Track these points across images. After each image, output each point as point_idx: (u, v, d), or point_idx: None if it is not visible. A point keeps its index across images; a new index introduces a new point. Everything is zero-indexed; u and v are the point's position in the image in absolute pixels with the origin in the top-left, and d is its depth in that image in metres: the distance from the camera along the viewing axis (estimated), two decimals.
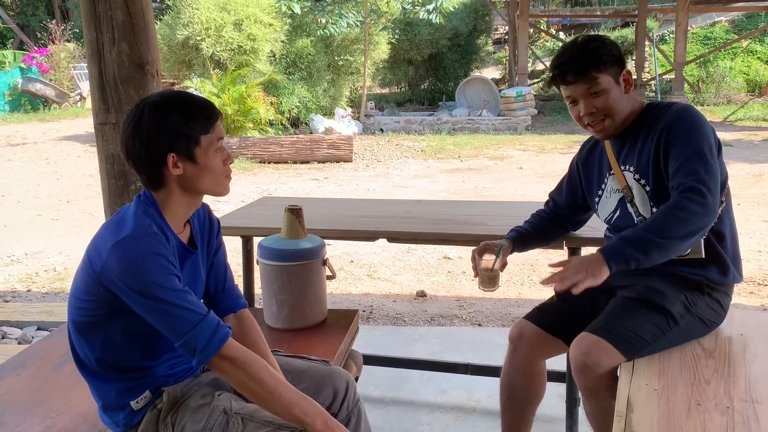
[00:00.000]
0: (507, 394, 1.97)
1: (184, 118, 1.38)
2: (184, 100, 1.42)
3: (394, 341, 3.28)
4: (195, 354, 1.34)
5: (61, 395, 1.73)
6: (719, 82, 15.18)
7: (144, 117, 1.37)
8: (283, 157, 9.87)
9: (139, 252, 1.31)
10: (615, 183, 1.89)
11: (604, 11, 20.25)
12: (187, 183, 1.42)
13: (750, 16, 18.29)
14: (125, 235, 1.33)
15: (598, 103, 1.76)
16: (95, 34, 2.50)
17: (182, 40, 11.20)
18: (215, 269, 1.62)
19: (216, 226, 1.63)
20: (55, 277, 4.71)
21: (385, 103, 15.10)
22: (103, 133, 2.57)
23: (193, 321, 1.33)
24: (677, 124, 1.72)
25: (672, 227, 1.60)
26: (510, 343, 1.96)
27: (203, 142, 1.40)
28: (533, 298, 3.98)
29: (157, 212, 1.41)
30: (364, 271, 4.63)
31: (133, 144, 1.38)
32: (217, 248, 1.62)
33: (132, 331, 1.41)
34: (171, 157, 1.37)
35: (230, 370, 1.36)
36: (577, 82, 1.76)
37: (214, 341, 1.34)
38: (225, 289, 1.64)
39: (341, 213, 2.69)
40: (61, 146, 10.34)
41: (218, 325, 1.37)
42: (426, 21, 12.96)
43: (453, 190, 7.51)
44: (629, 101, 1.80)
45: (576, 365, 1.70)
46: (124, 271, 1.30)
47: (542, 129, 12.49)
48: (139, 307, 1.33)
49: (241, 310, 1.65)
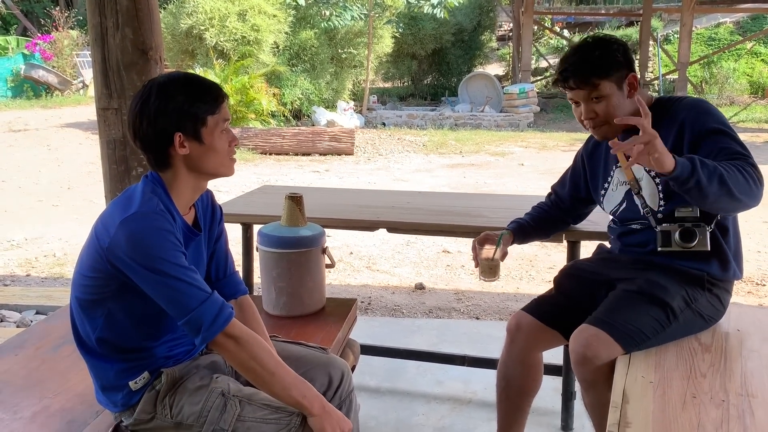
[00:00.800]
0: (503, 385, 1.98)
1: (191, 99, 1.39)
2: (191, 80, 1.43)
3: (392, 332, 3.29)
4: (199, 332, 1.34)
5: (59, 376, 1.74)
6: (722, 83, 15.18)
7: (152, 97, 1.38)
8: (285, 149, 9.87)
9: (147, 228, 1.32)
10: (622, 176, 1.89)
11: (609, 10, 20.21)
12: (193, 163, 1.42)
13: (755, 17, 18.25)
14: (133, 211, 1.34)
15: (598, 108, 1.77)
16: (99, 18, 2.49)
17: (186, 29, 11.19)
18: (217, 256, 1.63)
19: (219, 212, 1.64)
20: (55, 262, 4.72)
21: (387, 97, 15.10)
22: (105, 118, 2.57)
23: (200, 298, 1.34)
24: (701, 122, 1.71)
25: (737, 181, 1.56)
26: (507, 334, 1.96)
27: (209, 123, 1.41)
28: (531, 292, 3.99)
29: (164, 192, 1.42)
30: (363, 263, 4.63)
31: (141, 124, 1.39)
32: (219, 235, 1.63)
33: (135, 310, 1.41)
34: (178, 137, 1.38)
35: (233, 349, 1.38)
36: (578, 88, 1.77)
37: (220, 319, 1.35)
38: (226, 275, 1.65)
39: (341, 203, 2.70)
40: (63, 133, 10.34)
41: (223, 304, 1.38)
42: (430, 16, 12.94)
43: (454, 185, 7.51)
44: (632, 104, 1.79)
45: (576, 357, 1.70)
46: (131, 246, 1.31)
47: (544, 126, 12.48)
48: (145, 283, 1.33)
49: (241, 297, 1.66)
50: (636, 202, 1.85)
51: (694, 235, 1.75)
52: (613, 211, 1.94)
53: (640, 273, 1.82)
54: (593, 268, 1.98)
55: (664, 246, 1.79)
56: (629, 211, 1.88)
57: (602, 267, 1.96)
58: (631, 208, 1.87)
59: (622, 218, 1.91)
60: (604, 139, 1.86)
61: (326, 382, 1.65)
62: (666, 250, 1.79)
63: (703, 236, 1.75)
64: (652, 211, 1.81)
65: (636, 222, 1.87)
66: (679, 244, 1.77)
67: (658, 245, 1.79)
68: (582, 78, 1.75)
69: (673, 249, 1.78)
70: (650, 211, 1.81)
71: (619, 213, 1.91)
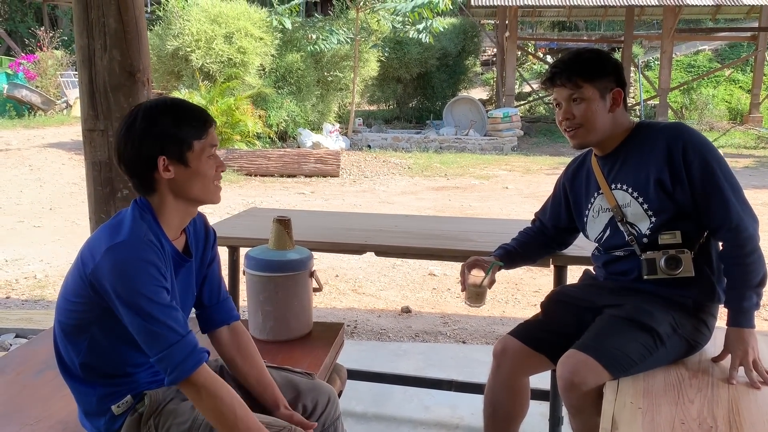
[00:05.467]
0: (490, 411, 1.97)
1: (177, 122, 1.39)
2: (178, 105, 1.43)
3: (378, 356, 3.27)
4: (167, 373, 1.34)
5: (41, 402, 1.70)
6: (702, 110, 15.47)
7: (137, 121, 1.38)
8: (270, 170, 9.86)
9: (132, 259, 1.31)
10: (604, 202, 1.90)
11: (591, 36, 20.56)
12: (178, 188, 1.41)
13: (733, 45, 18.69)
14: (121, 240, 1.33)
15: (576, 110, 1.81)
16: (87, 40, 2.49)
17: (172, 50, 11.21)
18: (209, 280, 1.61)
19: (212, 236, 1.62)
20: (36, 284, 4.65)
21: (373, 120, 15.19)
22: (91, 139, 2.55)
23: (171, 340, 1.32)
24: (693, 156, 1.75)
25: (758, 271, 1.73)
26: (494, 358, 1.95)
27: (196, 147, 1.40)
28: (517, 316, 3.99)
29: (152, 218, 1.41)
30: (349, 286, 4.61)
31: (125, 147, 1.39)
32: (212, 259, 1.62)
33: (118, 336, 1.39)
34: (162, 160, 1.37)
35: (195, 397, 1.36)
36: (562, 86, 1.82)
37: (187, 364, 1.33)
38: (219, 300, 1.63)
39: (329, 225, 2.69)
40: (46, 153, 10.25)
41: (194, 348, 1.35)
42: (415, 40, 13.09)
43: (439, 208, 7.54)
44: (612, 120, 1.82)
45: (563, 383, 1.70)
46: (114, 276, 1.30)
47: (528, 150, 12.60)
48: (123, 314, 1.32)
49: (234, 323, 1.64)
50: (620, 229, 1.86)
51: (679, 263, 1.77)
52: (597, 239, 1.95)
53: (628, 299, 1.83)
54: (580, 294, 1.99)
55: (650, 274, 1.80)
56: (614, 238, 1.89)
57: (589, 293, 1.97)
58: (615, 235, 1.88)
59: (607, 246, 1.92)
60: (579, 146, 1.87)
61: (311, 406, 1.63)
62: (652, 278, 1.80)
63: (688, 262, 1.77)
64: (636, 238, 1.82)
65: (620, 249, 1.88)
66: (664, 271, 1.78)
67: (644, 273, 1.81)
68: (567, 76, 1.81)
69: (659, 276, 1.79)
70: (635, 239, 1.83)
71: (604, 240, 1.92)
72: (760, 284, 1.73)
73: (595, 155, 1.95)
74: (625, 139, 1.87)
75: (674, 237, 1.78)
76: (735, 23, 18.42)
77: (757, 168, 10.66)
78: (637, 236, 1.82)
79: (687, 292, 1.79)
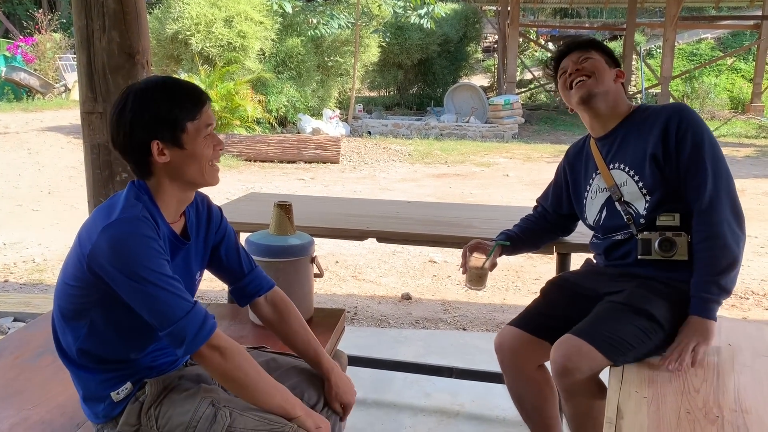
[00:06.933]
0: (519, 406, 1.97)
1: (169, 105, 1.34)
2: (169, 85, 1.38)
3: (379, 343, 3.26)
4: (182, 344, 1.31)
5: (39, 387, 1.68)
6: (704, 98, 15.40)
7: (128, 104, 1.34)
8: (270, 156, 9.82)
9: (129, 234, 1.28)
10: (601, 182, 1.90)
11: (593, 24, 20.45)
12: (174, 171, 1.38)
13: (735, 34, 18.57)
14: (116, 218, 1.30)
15: (585, 64, 1.87)
16: (85, 21, 2.45)
17: (171, 34, 11.11)
18: (228, 257, 1.59)
19: (216, 215, 1.59)
20: (34, 268, 4.63)
21: (373, 106, 15.11)
22: (89, 122, 2.52)
23: (184, 308, 1.31)
24: (686, 133, 1.74)
25: (728, 254, 1.68)
26: (497, 354, 1.94)
27: (190, 129, 1.36)
28: (518, 303, 3.98)
29: (149, 198, 1.38)
30: (349, 272, 4.60)
31: (118, 132, 1.35)
32: (223, 236, 1.59)
33: (118, 321, 1.37)
34: (155, 145, 1.34)
35: (218, 361, 1.34)
36: (570, 52, 1.91)
37: (204, 331, 1.32)
38: (246, 273, 1.62)
39: (330, 211, 2.66)
40: (44, 137, 10.19)
41: (206, 314, 1.35)
42: (417, 26, 12.97)
43: (439, 195, 7.51)
44: (616, 90, 1.88)
45: (556, 368, 1.69)
46: (113, 253, 1.27)
47: (528, 138, 12.55)
48: (126, 292, 1.29)
49: (269, 292, 1.64)
50: (617, 209, 1.85)
51: (673, 245, 1.76)
52: (595, 221, 1.93)
53: (626, 285, 1.81)
54: (581, 281, 1.98)
55: (644, 254, 1.79)
56: (611, 219, 1.87)
57: (589, 280, 1.95)
58: (612, 216, 1.87)
59: (605, 228, 1.90)
60: (586, 97, 1.85)
61: (315, 394, 1.61)
62: (646, 259, 1.79)
63: (683, 245, 1.76)
64: (634, 218, 1.81)
65: (619, 232, 1.87)
66: (658, 253, 1.77)
67: (638, 253, 1.80)
68: (576, 44, 1.92)
69: (652, 257, 1.78)
70: (632, 218, 1.81)
71: (601, 222, 1.91)
72: (722, 273, 1.67)
73: (594, 138, 1.95)
74: (623, 120, 1.88)
75: (673, 219, 1.77)
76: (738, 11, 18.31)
77: (758, 157, 10.62)
78: (634, 216, 1.81)
79: (684, 276, 1.77)
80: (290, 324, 1.63)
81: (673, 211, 1.77)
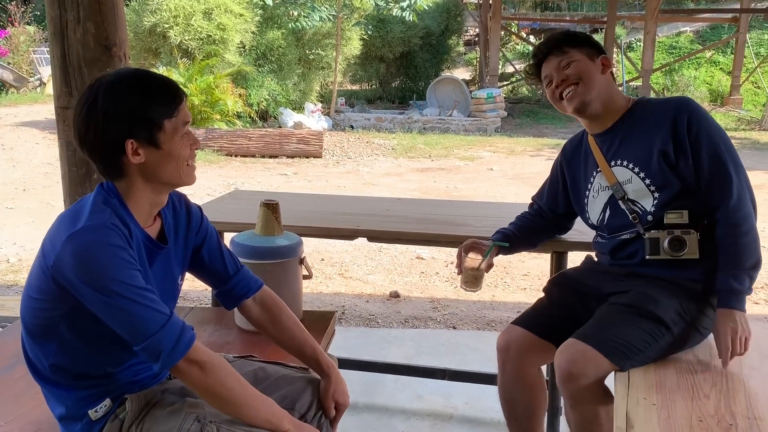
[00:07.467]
0: (508, 409, 1.89)
1: (145, 101, 1.24)
2: (143, 79, 1.27)
3: (368, 343, 3.18)
4: (159, 358, 1.21)
5: (12, 401, 1.58)
6: (684, 91, 15.48)
7: (99, 100, 1.22)
8: (251, 151, 9.67)
9: (96, 243, 1.17)
10: (603, 180, 1.83)
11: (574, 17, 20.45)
12: (149, 172, 1.27)
13: (714, 27, 18.68)
14: (81, 226, 1.19)
15: (569, 70, 1.77)
16: (59, 11, 2.33)
17: (149, 27, 10.90)
18: (211, 258, 1.49)
19: (196, 214, 1.48)
20: (8, 268, 4.47)
21: (355, 100, 14.98)
22: (64, 117, 2.40)
23: (159, 322, 1.21)
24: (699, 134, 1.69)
25: (751, 248, 1.67)
26: (499, 354, 1.86)
27: (167, 127, 1.26)
28: (507, 300, 3.93)
29: (119, 202, 1.27)
30: (335, 270, 4.51)
31: (87, 130, 1.23)
32: (203, 238, 1.48)
33: (89, 335, 1.27)
34: (130, 144, 1.23)
35: (198, 375, 1.25)
36: (548, 56, 1.81)
37: (181, 344, 1.22)
38: (232, 275, 1.52)
39: (318, 209, 2.58)
40: (18, 132, 9.93)
41: (183, 326, 1.25)
42: (399, 19, 12.86)
43: (424, 190, 7.44)
44: (607, 84, 1.79)
45: (561, 374, 1.62)
46: (79, 264, 1.16)
47: (511, 131, 12.53)
48: (96, 307, 1.19)
49: (257, 293, 1.54)
50: (622, 207, 1.78)
51: (683, 244, 1.70)
52: (599, 220, 1.86)
53: (632, 285, 1.75)
54: (584, 279, 1.91)
55: (653, 254, 1.73)
56: (615, 218, 1.81)
57: (593, 279, 1.88)
58: (616, 214, 1.80)
59: (610, 227, 1.83)
60: (579, 107, 1.78)
61: (307, 404, 1.53)
62: (654, 258, 1.73)
63: (693, 243, 1.70)
64: (640, 216, 1.74)
65: (625, 231, 1.80)
66: (668, 252, 1.71)
67: (646, 253, 1.73)
68: (553, 45, 1.81)
69: (661, 257, 1.72)
70: (639, 217, 1.75)
71: (606, 221, 1.84)
72: (753, 267, 1.66)
73: (593, 135, 1.87)
74: (623, 115, 1.81)
75: (681, 216, 1.71)
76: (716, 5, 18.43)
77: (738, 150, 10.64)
78: (641, 214, 1.75)
79: (693, 275, 1.72)
80: (283, 323, 1.55)
81: (681, 208, 1.71)
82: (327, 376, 1.53)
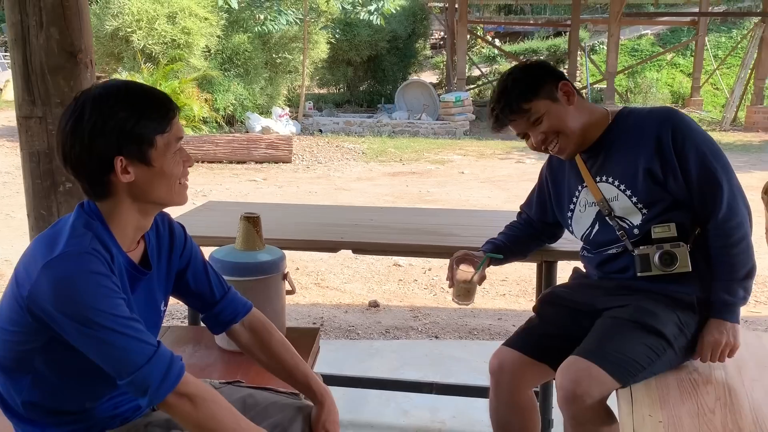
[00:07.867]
0: (501, 431, 1.81)
1: (136, 116, 1.14)
2: (134, 93, 1.18)
3: (349, 357, 3.09)
4: (146, 393, 1.12)
5: None
6: (646, 93, 15.77)
7: (86, 114, 1.12)
8: (218, 157, 9.50)
9: (75, 272, 1.08)
10: (589, 196, 1.78)
11: (538, 20, 20.71)
12: (139, 191, 1.18)
13: (673, 30, 19.10)
14: (59, 252, 1.09)
15: (542, 127, 1.70)
16: (20, 16, 2.20)
17: (111, 31, 10.64)
18: (196, 281, 1.39)
19: (180, 235, 1.38)
20: None
21: (323, 104, 14.89)
22: (27, 127, 2.27)
23: (147, 353, 1.12)
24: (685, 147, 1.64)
25: (744, 257, 1.64)
26: (492, 376, 1.78)
27: (159, 143, 1.16)
28: (487, 307, 3.89)
29: (101, 225, 1.17)
30: (311, 280, 4.41)
31: (72, 147, 1.13)
32: (189, 259, 1.39)
33: (66, 368, 1.17)
34: (119, 161, 1.14)
35: (188, 410, 1.15)
36: (513, 120, 1.71)
37: (171, 377, 1.13)
38: (219, 299, 1.42)
39: (299, 220, 2.49)
40: None
41: (172, 357, 1.16)
42: (366, 22, 12.83)
43: (397, 194, 7.38)
44: (580, 112, 1.72)
45: (565, 394, 1.55)
46: (57, 296, 1.07)
47: (480, 134, 12.58)
48: (76, 339, 1.09)
49: (245, 317, 1.44)
50: (609, 223, 1.74)
51: (674, 258, 1.66)
52: (584, 235, 1.82)
53: (629, 299, 1.70)
54: (575, 296, 1.85)
55: (644, 271, 1.68)
56: (602, 234, 1.76)
57: (585, 295, 1.83)
58: (604, 230, 1.76)
59: (597, 243, 1.79)
60: (568, 156, 1.75)
61: (299, 429, 1.44)
62: (646, 275, 1.68)
63: (684, 256, 1.66)
64: (627, 232, 1.70)
65: (612, 246, 1.76)
66: (659, 267, 1.67)
67: (637, 270, 1.69)
68: (510, 109, 1.69)
69: (653, 273, 1.68)
70: (626, 234, 1.71)
71: (592, 237, 1.79)
72: (746, 277, 1.63)
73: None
74: (607, 128, 1.75)
75: (668, 230, 1.66)
76: (675, 8, 18.82)
77: None
78: (627, 230, 1.70)
79: (688, 289, 1.68)
80: (273, 349, 1.45)
81: (666, 221, 1.67)
82: (320, 404, 1.43)
